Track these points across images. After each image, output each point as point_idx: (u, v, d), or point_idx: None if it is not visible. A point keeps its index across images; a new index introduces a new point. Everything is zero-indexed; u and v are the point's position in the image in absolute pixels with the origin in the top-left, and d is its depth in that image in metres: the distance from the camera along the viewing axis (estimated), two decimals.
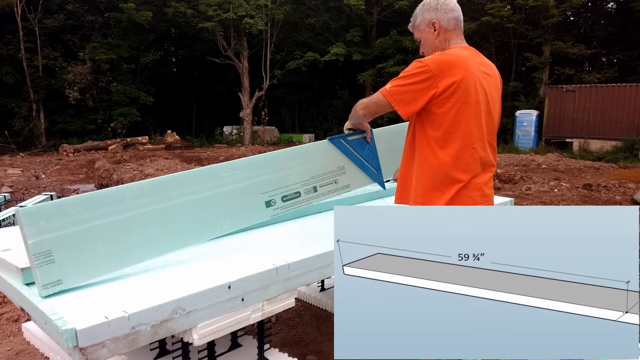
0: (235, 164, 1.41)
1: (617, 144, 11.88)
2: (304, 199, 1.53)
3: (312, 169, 1.57)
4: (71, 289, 1.08)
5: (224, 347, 1.50)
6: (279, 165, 1.49)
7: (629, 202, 5.00)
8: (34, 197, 4.74)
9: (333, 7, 17.99)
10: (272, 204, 1.46)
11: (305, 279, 1.34)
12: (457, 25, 1.39)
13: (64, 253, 1.06)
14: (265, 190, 1.45)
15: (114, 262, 1.15)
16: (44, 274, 1.03)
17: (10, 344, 2.11)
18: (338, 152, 1.65)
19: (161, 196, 1.24)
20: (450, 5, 1.38)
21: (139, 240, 1.19)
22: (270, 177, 1.46)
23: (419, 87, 1.26)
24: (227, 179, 1.37)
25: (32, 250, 1.02)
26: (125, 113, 16.57)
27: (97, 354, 0.91)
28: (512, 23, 15.35)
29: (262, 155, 1.50)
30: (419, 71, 1.27)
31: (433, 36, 1.39)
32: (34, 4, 15.38)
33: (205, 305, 1.08)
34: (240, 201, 1.39)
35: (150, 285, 1.12)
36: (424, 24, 1.41)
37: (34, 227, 1.03)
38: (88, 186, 8.12)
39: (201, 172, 1.35)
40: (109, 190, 1.18)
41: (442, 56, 1.30)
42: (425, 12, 1.40)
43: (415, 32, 1.47)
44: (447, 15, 1.37)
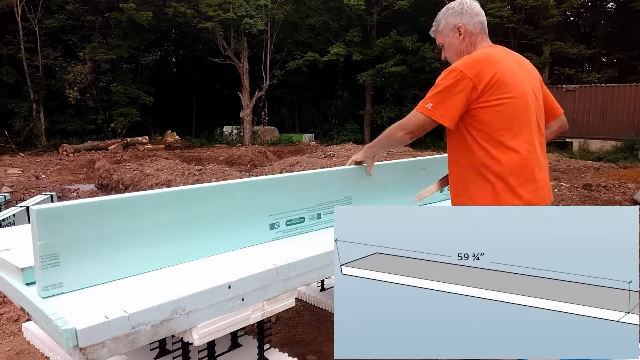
0: (251, 183, 1.41)
1: (617, 144, 11.88)
2: (306, 225, 1.55)
3: (321, 196, 1.58)
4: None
5: (224, 347, 1.50)
6: (291, 189, 1.50)
7: (629, 202, 5.00)
8: (34, 197, 4.75)
9: (333, 7, 17.99)
10: (275, 227, 1.47)
11: (305, 279, 1.33)
12: (483, 29, 1.40)
13: (70, 257, 1.06)
14: (272, 213, 1.46)
15: (117, 270, 1.14)
16: (47, 276, 1.03)
17: (11, 344, 2.11)
18: (349, 183, 1.66)
19: (175, 208, 1.23)
20: (475, 9, 1.39)
21: (146, 251, 1.19)
22: (279, 200, 1.47)
23: (459, 95, 1.26)
24: (240, 198, 1.37)
25: (40, 251, 1.02)
26: (125, 113, 16.57)
27: (97, 353, 0.91)
28: (512, 23, 15.36)
29: (277, 177, 1.51)
30: (454, 79, 1.27)
31: (458, 40, 1.39)
32: (34, 4, 15.38)
33: (206, 305, 1.08)
34: (247, 220, 1.40)
35: (151, 285, 1.12)
36: (448, 28, 1.41)
37: (45, 228, 1.02)
38: (88, 186, 8.12)
39: (217, 188, 1.34)
40: (124, 198, 1.16)
41: (471, 58, 1.31)
42: (449, 17, 1.40)
43: (438, 37, 1.46)
44: (472, 20, 1.38)
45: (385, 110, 18.43)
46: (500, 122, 1.28)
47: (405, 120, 1.38)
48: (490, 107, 1.27)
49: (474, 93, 1.26)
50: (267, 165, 9.38)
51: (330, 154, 9.64)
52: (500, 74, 1.27)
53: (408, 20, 18.18)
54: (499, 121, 1.28)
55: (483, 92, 1.26)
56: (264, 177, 1.49)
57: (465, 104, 1.28)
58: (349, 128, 19.67)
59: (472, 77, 1.26)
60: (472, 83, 1.26)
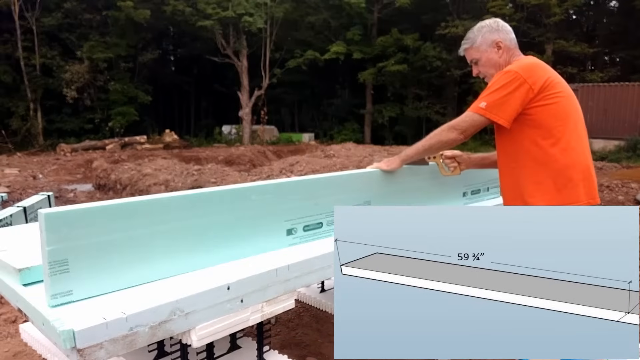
0: (267, 187, 1.37)
1: (620, 144, 11.83)
2: (324, 230, 1.50)
3: (340, 200, 1.53)
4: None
5: (223, 349, 1.49)
6: (309, 193, 1.46)
7: (632, 202, 5.00)
8: (31, 197, 4.72)
9: (333, 5, 17.95)
10: (293, 232, 1.42)
11: (305, 280, 1.33)
12: (516, 44, 1.51)
13: (80, 263, 1.02)
14: (289, 218, 1.40)
15: (128, 278, 1.11)
16: (56, 283, 0.99)
17: (8, 346, 2.10)
18: (368, 186, 1.62)
19: (188, 213, 1.19)
20: (507, 27, 1.51)
21: (158, 257, 1.15)
22: (297, 205, 1.42)
23: (515, 94, 1.32)
24: (255, 202, 1.32)
25: (49, 257, 0.98)
26: (123, 112, 16.52)
27: (94, 355, 0.90)
28: (514, 21, 15.34)
29: (295, 180, 1.46)
30: (510, 79, 1.33)
31: (497, 55, 1.47)
32: (31, 2, 15.32)
33: (204, 306, 1.07)
34: (264, 226, 1.35)
35: (149, 286, 1.11)
36: (485, 44, 1.48)
37: (55, 233, 0.97)
38: (86, 186, 8.10)
39: (232, 191, 1.29)
40: (136, 202, 1.12)
41: (523, 62, 1.39)
42: (486, 34, 1.48)
43: (473, 53, 1.51)
44: (508, 36, 1.48)
45: (386, 109, 18.43)
46: (556, 120, 1.34)
47: (458, 121, 1.42)
48: (546, 106, 1.33)
49: (530, 93, 1.32)
50: (266, 165, 9.37)
51: (330, 153, 9.64)
52: (551, 76, 1.36)
53: (409, 19, 18.15)
54: (554, 119, 1.34)
55: (539, 92, 1.32)
56: (280, 180, 1.44)
57: (521, 104, 1.33)
58: (349, 127, 19.66)
59: (528, 78, 1.32)
60: (528, 84, 1.32)
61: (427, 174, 1.82)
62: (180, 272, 1.19)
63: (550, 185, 1.34)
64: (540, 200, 1.35)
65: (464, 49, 1.53)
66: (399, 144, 15.48)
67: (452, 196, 1.99)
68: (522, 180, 1.39)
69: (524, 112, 1.34)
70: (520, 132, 1.37)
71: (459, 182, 1.98)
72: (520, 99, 1.32)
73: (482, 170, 1.92)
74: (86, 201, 6.11)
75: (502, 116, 1.34)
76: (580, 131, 1.39)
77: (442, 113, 17.80)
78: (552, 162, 1.34)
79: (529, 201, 1.36)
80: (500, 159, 1.49)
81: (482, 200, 2.14)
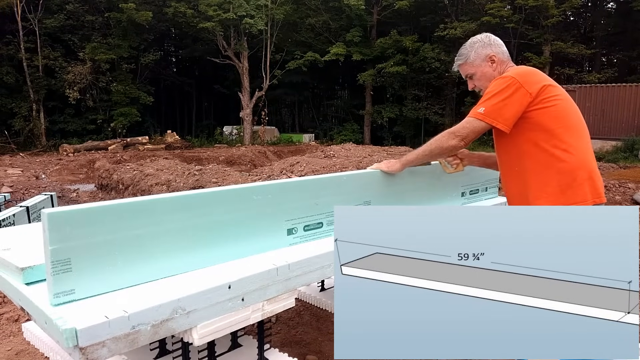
0: (269, 187, 1.37)
1: (617, 144, 11.86)
2: (325, 230, 1.51)
3: (340, 200, 1.54)
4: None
5: (224, 347, 1.50)
6: (309, 193, 1.46)
7: (629, 202, 4.99)
8: (34, 197, 4.74)
9: (333, 7, 18.00)
10: (293, 232, 1.43)
11: (306, 279, 1.33)
12: (509, 57, 1.54)
13: (82, 263, 1.02)
14: (290, 218, 1.41)
15: (131, 277, 1.11)
16: (58, 282, 0.99)
17: (11, 344, 2.11)
18: (368, 187, 1.63)
19: (190, 213, 1.19)
20: (499, 41, 1.53)
21: (160, 256, 1.15)
22: (298, 205, 1.43)
23: (514, 99, 1.34)
24: (257, 202, 1.33)
25: (52, 257, 0.98)
26: (125, 113, 16.58)
27: (97, 353, 0.91)
28: (512, 23, 15.36)
29: (295, 181, 1.47)
30: (507, 85, 1.35)
31: (491, 68, 1.49)
32: (34, 4, 15.39)
33: (206, 305, 1.08)
34: (265, 226, 1.36)
35: (151, 285, 1.11)
36: (479, 59, 1.50)
37: (58, 232, 0.98)
38: (88, 186, 8.12)
39: (234, 191, 1.30)
40: (139, 202, 1.13)
41: (518, 69, 1.42)
42: (479, 49, 1.50)
43: (467, 68, 1.53)
44: (500, 49, 1.51)
45: (385, 110, 18.44)
46: (556, 122, 1.35)
47: (458, 128, 1.42)
48: (545, 109, 1.35)
49: (527, 97, 1.34)
50: (267, 165, 9.38)
51: (330, 154, 9.64)
52: (547, 82, 1.38)
53: (408, 20, 18.19)
54: (555, 121, 1.35)
55: (536, 96, 1.34)
56: (281, 180, 1.45)
57: (519, 108, 1.34)
58: (349, 128, 19.68)
59: (524, 83, 1.34)
60: (525, 89, 1.34)
61: (426, 174, 1.82)
62: (182, 271, 1.19)
63: (555, 186, 1.34)
64: (546, 202, 1.34)
65: (458, 64, 1.55)
66: (398, 144, 15.48)
67: (451, 196, 2.00)
68: (527, 184, 1.39)
69: (524, 117, 1.35)
70: (521, 136, 1.37)
71: (457, 182, 1.99)
72: (518, 103, 1.33)
73: (481, 170, 1.92)
74: (88, 201, 6.14)
75: (501, 121, 1.34)
76: (581, 131, 1.39)
77: (440, 114, 17.82)
78: (556, 163, 1.34)
79: (535, 204, 1.36)
80: (502, 164, 1.49)
81: (481, 200, 2.15)
